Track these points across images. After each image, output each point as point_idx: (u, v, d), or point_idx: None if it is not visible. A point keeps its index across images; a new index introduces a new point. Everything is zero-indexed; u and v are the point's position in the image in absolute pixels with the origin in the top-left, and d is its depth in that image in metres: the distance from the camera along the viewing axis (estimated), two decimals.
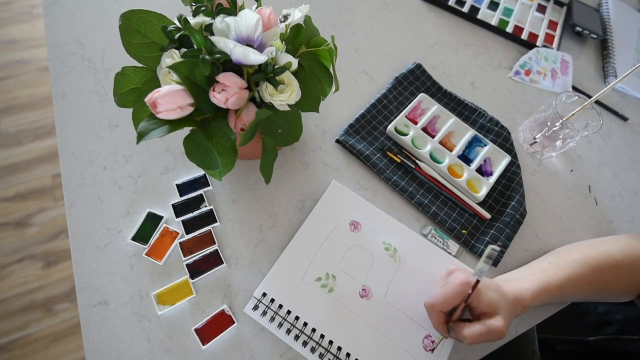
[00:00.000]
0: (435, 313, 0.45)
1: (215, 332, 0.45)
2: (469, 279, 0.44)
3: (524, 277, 0.49)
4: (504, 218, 0.56)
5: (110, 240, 0.48)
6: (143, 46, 0.42)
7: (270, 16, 0.41)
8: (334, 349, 0.46)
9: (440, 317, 0.45)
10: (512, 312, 0.45)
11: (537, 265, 0.51)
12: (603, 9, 0.87)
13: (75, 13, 0.64)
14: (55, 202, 1.24)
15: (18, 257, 1.15)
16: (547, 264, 0.50)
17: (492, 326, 0.42)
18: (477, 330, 0.43)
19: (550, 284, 0.47)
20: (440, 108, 0.64)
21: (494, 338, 0.43)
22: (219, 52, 0.37)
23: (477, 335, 0.42)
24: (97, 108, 0.56)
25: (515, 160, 0.62)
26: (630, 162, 0.69)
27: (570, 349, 0.71)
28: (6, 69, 1.45)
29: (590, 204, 0.63)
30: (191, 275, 0.47)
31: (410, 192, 0.56)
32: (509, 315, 0.44)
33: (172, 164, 0.54)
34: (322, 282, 0.49)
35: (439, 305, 0.44)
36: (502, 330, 0.42)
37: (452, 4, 0.80)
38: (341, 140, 0.59)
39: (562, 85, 0.75)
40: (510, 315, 0.44)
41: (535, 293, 0.46)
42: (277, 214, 0.53)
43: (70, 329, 1.08)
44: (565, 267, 0.49)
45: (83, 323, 0.44)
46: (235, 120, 0.41)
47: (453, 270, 0.48)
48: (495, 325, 0.42)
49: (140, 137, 0.36)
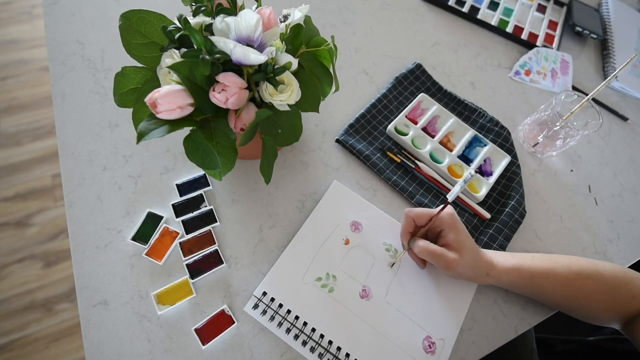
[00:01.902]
0: (408, 219, 0.49)
1: (215, 332, 0.45)
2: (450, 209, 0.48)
3: (502, 255, 0.50)
4: (503, 218, 0.56)
5: (110, 240, 0.48)
6: (143, 46, 0.42)
7: (270, 16, 0.41)
8: (333, 349, 0.46)
9: (409, 225, 0.49)
10: (474, 268, 0.46)
11: (520, 254, 0.51)
12: (603, 9, 0.87)
13: (75, 13, 0.64)
14: (55, 202, 1.24)
15: (18, 257, 1.15)
16: (531, 256, 0.50)
17: (447, 254, 0.45)
18: (432, 248, 0.46)
19: (524, 268, 0.48)
20: (440, 108, 0.64)
21: (441, 264, 0.45)
22: (219, 52, 0.37)
23: (428, 250, 0.46)
24: (97, 108, 0.56)
25: (515, 160, 0.62)
26: (630, 162, 0.69)
27: (570, 349, 0.71)
28: (6, 69, 1.45)
29: (590, 204, 0.63)
30: (191, 275, 0.47)
31: (410, 192, 0.56)
32: (469, 264, 0.46)
33: (172, 164, 0.54)
34: (322, 282, 0.49)
35: (414, 213, 0.48)
36: (452, 264, 0.45)
37: (452, 4, 0.80)
38: (341, 140, 0.59)
39: (562, 85, 0.75)
40: (470, 267, 0.46)
41: (506, 268, 0.48)
42: (277, 214, 0.53)
43: (70, 329, 1.08)
44: (546, 262, 0.49)
45: (83, 323, 0.44)
46: (235, 120, 0.41)
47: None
48: (449, 255, 0.45)
49: (140, 137, 0.36)
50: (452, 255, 0.45)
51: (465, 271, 0.46)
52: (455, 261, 0.45)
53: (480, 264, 0.47)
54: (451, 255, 0.45)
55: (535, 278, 0.47)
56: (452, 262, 0.45)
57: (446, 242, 0.47)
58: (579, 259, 0.50)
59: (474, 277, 0.47)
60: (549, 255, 0.51)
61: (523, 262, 0.48)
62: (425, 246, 0.46)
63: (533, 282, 0.48)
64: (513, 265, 0.48)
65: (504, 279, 0.47)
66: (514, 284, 0.48)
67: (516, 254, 0.51)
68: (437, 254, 0.46)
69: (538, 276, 0.47)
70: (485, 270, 0.47)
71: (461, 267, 0.45)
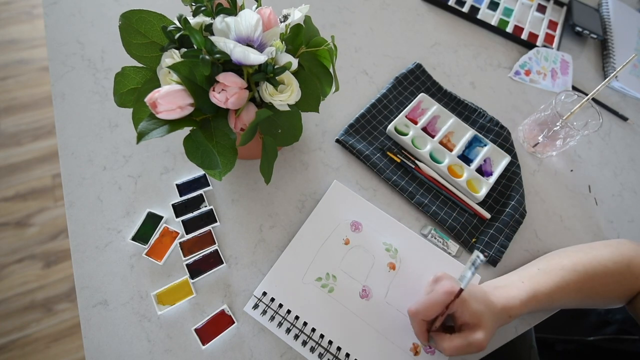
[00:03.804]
0: (417, 321, 0.44)
1: (215, 332, 0.45)
2: (454, 288, 0.43)
3: (513, 284, 0.48)
4: (503, 218, 0.56)
5: (110, 240, 0.48)
6: (143, 46, 0.42)
7: (270, 16, 0.41)
8: (333, 349, 0.46)
9: (422, 326, 0.44)
10: (497, 322, 0.44)
11: (526, 272, 0.50)
12: (603, 9, 0.87)
13: (75, 13, 0.64)
14: (55, 202, 1.24)
15: (18, 257, 1.15)
16: (536, 270, 0.49)
17: (473, 339, 0.42)
18: (457, 342, 0.42)
19: (539, 292, 0.46)
20: (440, 108, 0.64)
21: (473, 351, 0.42)
22: (219, 52, 0.37)
23: (456, 348, 0.42)
24: (97, 108, 0.56)
25: (515, 160, 0.62)
26: (630, 162, 0.69)
27: (570, 348, 0.71)
28: (6, 69, 1.45)
29: (590, 204, 0.63)
30: (191, 275, 0.47)
31: (410, 192, 0.56)
32: (493, 326, 0.43)
33: (172, 164, 0.54)
34: (322, 282, 0.49)
35: (421, 313, 0.43)
36: (482, 344, 0.41)
37: (452, 4, 0.80)
38: (341, 140, 0.59)
39: (562, 85, 0.75)
40: (494, 326, 0.44)
41: (523, 302, 0.45)
42: (277, 214, 0.53)
43: (70, 329, 1.08)
44: (554, 274, 0.48)
45: (83, 323, 0.44)
46: (235, 120, 0.41)
47: (440, 278, 0.47)
48: (475, 339, 0.42)
49: (140, 137, 0.36)
50: (477, 337, 0.42)
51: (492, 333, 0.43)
52: (484, 340, 0.42)
53: (501, 315, 0.44)
54: (477, 337, 0.42)
55: (553, 297, 0.47)
56: (482, 343, 0.41)
57: (463, 322, 0.44)
58: (578, 253, 0.50)
59: (500, 326, 0.45)
60: (551, 261, 0.50)
61: (535, 286, 0.47)
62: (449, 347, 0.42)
63: (552, 301, 0.47)
64: (528, 294, 0.46)
65: (525, 312, 0.46)
66: (535, 311, 0.48)
67: (522, 273, 0.50)
68: (464, 347, 0.42)
69: (554, 295, 0.47)
70: (506, 315, 0.45)
71: (490, 338, 0.42)
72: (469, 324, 0.43)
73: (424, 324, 0.44)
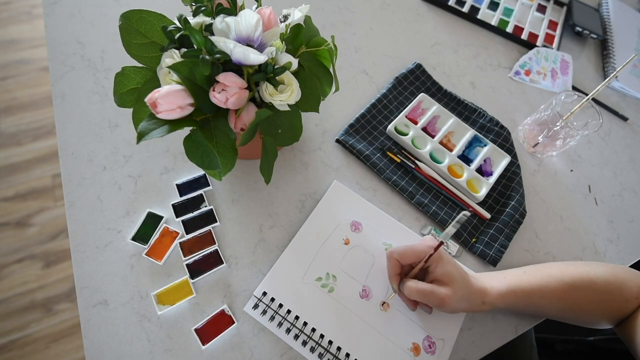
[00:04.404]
0: (392, 260, 0.46)
1: (215, 332, 0.45)
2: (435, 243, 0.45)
3: (494, 278, 0.48)
4: (503, 218, 0.56)
5: (110, 240, 0.48)
6: (143, 46, 0.42)
7: (270, 16, 0.41)
8: (333, 349, 0.46)
9: (395, 266, 0.46)
10: (469, 298, 0.44)
11: (512, 271, 0.50)
12: (603, 9, 0.87)
13: (75, 13, 0.64)
14: (55, 202, 1.24)
15: (18, 257, 1.15)
16: (522, 272, 0.49)
17: (437, 290, 0.43)
18: (422, 286, 0.44)
19: (518, 289, 0.46)
20: (440, 108, 0.64)
21: (434, 302, 0.43)
22: (219, 52, 0.37)
23: (418, 290, 0.43)
24: (97, 108, 0.56)
25: (515, 160, 0.62)
26: (630, 162, 0.69)
27: (569, 348, 0.71)
28: (6, 69, 1.45)
29: (590, 204, 0.63)
30: (191, 275, 0.47)
31: (410, 192, 0.56)
32: (462, 296, 0.44)
33: (172, 164, 0.54)
34: (322, 282, 0.49)
35: (397, 253, 0.46)
36: (445, 299, 0.42)
37: (452, 4, 0.80)
38: (341, 140, 0.59)
39: (562, 85, 0.75)
40: (464, 298, 0.44)
41: (500, 293, 0.46)
42: (277, 214, 0.53)
43: (70, 329, 1.08)
44: (538, 278, 0.48)
45: (83, 323, 0.44)
46: (235, 120, 0.41)
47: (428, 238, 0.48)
48: (440, 291, 0.43)
49: (140, 137, 0.36)
50: (443, 290, 0.43)
51: (459, 304, 0.44)
52: (447, 296, 0.42)
53: (474, 293, 0.45)
54: (442, 290, 0.43)
55: (532, 297, 0.46)
56: (444, 298, 0.42)
57: (434, 277, 0.45)
58: (569, 267, 0.49)
59: (470, 307, 0.45)
60: (540, 268, 0.50)
61: (517, 282, 0.47)
62: (412, 286, 0.44)
63: (530, 301, 0.47)
64: (507, 287, 0.46)
65: (500, 304, 0.46)
66: (511, 306, 0.47)
67: (507, 271, 0.50)
68: (426, 292, 0.43)
69: (533, 295, 0.46)
70: (479, 298, 0.45)
71: (454, 301, 0.43)
72: (440, 280, 0.44)
73: (398, 265, 0.46)
